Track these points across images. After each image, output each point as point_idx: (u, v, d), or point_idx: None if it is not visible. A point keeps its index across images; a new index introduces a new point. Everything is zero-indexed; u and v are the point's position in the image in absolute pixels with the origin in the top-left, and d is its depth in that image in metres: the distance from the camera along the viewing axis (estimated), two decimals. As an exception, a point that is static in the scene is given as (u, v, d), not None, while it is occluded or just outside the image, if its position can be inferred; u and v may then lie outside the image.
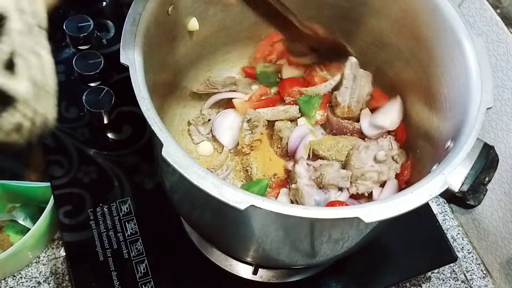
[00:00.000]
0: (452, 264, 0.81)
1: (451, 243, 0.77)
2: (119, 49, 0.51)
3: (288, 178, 0.70)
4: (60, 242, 0.75)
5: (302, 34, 0.69)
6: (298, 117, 0.74)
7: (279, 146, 0.73)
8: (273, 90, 0.79)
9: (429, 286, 0.80)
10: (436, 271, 0.81)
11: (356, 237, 0.56)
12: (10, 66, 0.38)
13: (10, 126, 0.39)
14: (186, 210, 0.64)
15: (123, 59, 0.50)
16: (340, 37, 0.73)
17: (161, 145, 0.45)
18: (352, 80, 0.71)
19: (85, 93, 0.76)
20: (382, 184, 0.67)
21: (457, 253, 0.79)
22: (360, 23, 0.70)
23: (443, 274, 0.82)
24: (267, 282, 0.70)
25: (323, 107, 0.74)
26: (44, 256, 0.75)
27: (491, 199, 0.79)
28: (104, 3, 0.90)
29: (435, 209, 0.85)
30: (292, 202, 0.66)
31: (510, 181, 0.75)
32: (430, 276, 0.81)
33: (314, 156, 0.70)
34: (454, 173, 0.47)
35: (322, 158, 0.69)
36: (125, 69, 0.50)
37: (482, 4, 0.72)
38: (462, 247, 0.86)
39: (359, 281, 0.73)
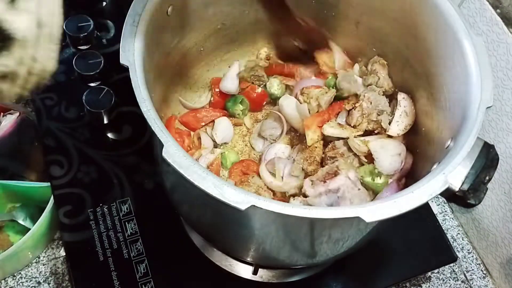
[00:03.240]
0: (452, 264, 0.81)
1: (451, 243, 0.77)
2: (119, 49, 0.51)
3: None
4: (60, 242, 0.75)
5: (294, 25, 0.72)
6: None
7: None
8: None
9: (429, 286, 0.80)
10: (436, 271, 0.81)
11: (356, 236, 0.56)
12: None
13: None
14: (186, 210, 0.64)
15: (123, 60, 0.50)
16: (340, 37, 0.74)
17: (161, 145, 0.45)
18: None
19: (85, 93, 0.76)
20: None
21: (457, 253, 0.79)
22: (359, 23, 0.71)
23: (443, 274, 0.82)
24: (267, 282, 0.70)
25: None
26: (44, 256, 0.75)
27: (491, 199, 0.79)
28: (104, 3, 0.90)
29: (435, 209, 0.85)
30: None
31: (510, 181, 0.75)
32: (430, 276, 0.81)
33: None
34: (454, 172, 0.47)
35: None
36: (125, 69, 0.50)
37: (482, 4, 0.72)
38: (462, 247, 0.86)
39: (359, 281, 0.73)
